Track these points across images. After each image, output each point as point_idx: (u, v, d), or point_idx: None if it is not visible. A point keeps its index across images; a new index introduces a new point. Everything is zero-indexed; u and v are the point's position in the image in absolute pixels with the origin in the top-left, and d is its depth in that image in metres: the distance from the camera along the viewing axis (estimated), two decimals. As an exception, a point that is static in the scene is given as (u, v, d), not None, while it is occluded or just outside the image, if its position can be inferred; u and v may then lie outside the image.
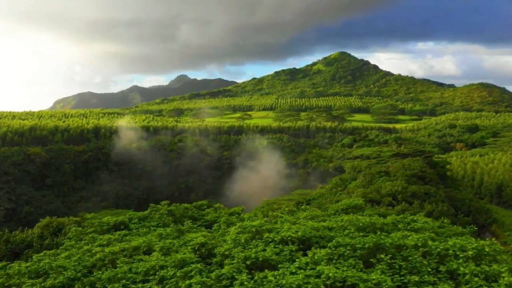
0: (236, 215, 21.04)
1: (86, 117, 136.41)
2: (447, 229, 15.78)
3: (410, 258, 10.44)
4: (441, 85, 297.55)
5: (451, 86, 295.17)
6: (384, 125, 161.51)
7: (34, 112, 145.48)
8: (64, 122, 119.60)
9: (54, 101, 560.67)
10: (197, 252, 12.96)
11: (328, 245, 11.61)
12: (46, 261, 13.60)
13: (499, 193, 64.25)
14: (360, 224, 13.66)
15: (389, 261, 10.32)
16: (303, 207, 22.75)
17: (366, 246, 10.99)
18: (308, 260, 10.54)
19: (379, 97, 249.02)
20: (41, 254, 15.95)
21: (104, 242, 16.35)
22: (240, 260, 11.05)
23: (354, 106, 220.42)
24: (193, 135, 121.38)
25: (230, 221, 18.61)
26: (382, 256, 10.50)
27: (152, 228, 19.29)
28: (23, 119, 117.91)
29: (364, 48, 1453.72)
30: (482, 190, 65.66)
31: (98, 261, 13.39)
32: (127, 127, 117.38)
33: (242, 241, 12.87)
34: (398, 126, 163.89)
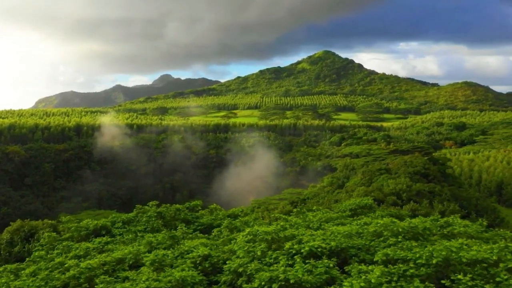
0: (239, 218, 18.10)
1: (68, 116, 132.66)
2: (492, 234, 13.25)
3: (498, 278, 7.73)
4: (425, 84, 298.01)
5: (435, 85, 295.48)
6: (372, 123, 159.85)
7: (14, 111, 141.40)
8: (45, 120, 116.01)
9: (36, 101, 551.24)
10: (199, 267, 10.13)
11: (375, 259, 8.87)
12: (3, 280, 10.58)
13: (499, 191, 62.39)
14: (400, 230, 10.94)
15: (469, 282, 7.60)
16: (315, 207, 20.06)
17: (434, 262, 8.24)
18: (362, 283, 7.73)
19: (364, 96, 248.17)
20: (1, 269, 12.93)
21: (81, 253, 13.39)
22: (263, 283, 8.23)
23: (339, 104, 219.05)
24: (178, 133, 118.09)
25: (233, 225, 15.73)
26: (460, 276, 7.76)
27: (139, 234, 16.32)
28: (3, 118, 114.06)
29: (349, 48, 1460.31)
30: (481, 188, 63.73)
31: (71, 279, 10.41)
32: (110, 125, 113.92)
33: (258, 253, 10.01)
34: (385, 124, 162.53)
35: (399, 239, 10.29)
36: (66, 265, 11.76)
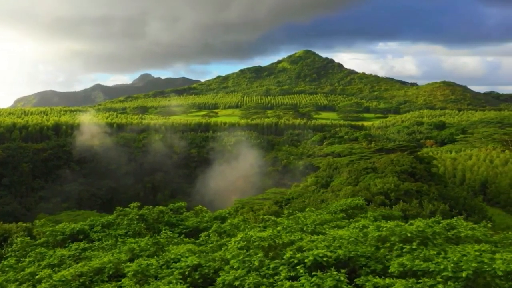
0: (228, 221, 16.92)
1: (46, 115, 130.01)
2: (500, 237, 12.35)
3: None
4: (404, 83, 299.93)
5: (414, 84, 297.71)
6: (352, 123, 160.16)
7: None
8: (23, 119, 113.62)
9: (15, 100, 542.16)
10: (188, 279, 9.01)
11: (390, 270, 7.84)
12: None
13: (484, 190, 62.30)
14: (408, 234, 9.94)
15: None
16: (308, 209, 19.07)
17: (464, 275, 7.25)
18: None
19: (344, 95, 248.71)
20: (-37, 282, 11.62)
21: (55, 261, 12.10)
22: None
23: (319, 104, 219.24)
24: (159, 133, 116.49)
25: (222, 229, 14.60)
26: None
27: (119, 238, 15.06)
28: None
29: (330, 47, 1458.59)
30: (465, 187, 63.54)
31: (43, 294, 9.25)
32: (89, 124, 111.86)
33: (256, 263, 8.90)
34: (365, 123, 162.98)
35: (414, 246, 9.29)
36: (37, 276, 10.54)
